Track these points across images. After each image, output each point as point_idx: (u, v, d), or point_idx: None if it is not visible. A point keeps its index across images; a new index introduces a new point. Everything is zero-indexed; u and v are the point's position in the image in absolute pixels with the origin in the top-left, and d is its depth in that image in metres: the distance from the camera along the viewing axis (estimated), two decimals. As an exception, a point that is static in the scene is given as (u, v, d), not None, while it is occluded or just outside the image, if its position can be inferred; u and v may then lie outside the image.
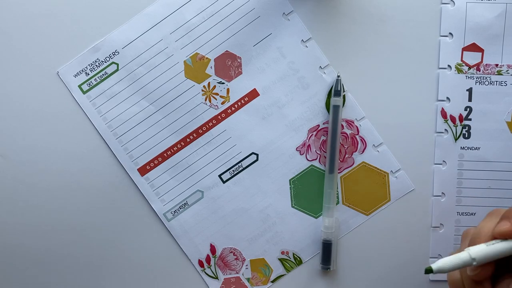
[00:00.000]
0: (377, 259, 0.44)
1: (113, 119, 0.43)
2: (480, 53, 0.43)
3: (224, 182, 0.44)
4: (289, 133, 0.44)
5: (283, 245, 0.44)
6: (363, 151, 0.44)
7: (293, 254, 0.44)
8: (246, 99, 0.44)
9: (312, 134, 0.44)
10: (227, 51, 0.43)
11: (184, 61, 0.43)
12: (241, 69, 0.43)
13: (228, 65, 0.43)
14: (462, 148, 0.44)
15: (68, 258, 0.44)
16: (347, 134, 0.44)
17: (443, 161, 0.44)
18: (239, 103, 0.44)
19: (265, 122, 0.44)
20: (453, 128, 0.43)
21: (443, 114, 0.43)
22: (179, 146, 0.44)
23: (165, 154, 0.44)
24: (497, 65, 0.43)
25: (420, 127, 0.43)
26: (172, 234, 0.44)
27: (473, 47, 0.43)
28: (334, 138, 0.43)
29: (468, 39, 0.43)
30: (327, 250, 0.43)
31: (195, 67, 0.43)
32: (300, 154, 0.44)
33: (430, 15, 0.43)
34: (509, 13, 0.42)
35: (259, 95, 0.44)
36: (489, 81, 0.43)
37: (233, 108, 0.44)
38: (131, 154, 0.44)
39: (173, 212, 0.44)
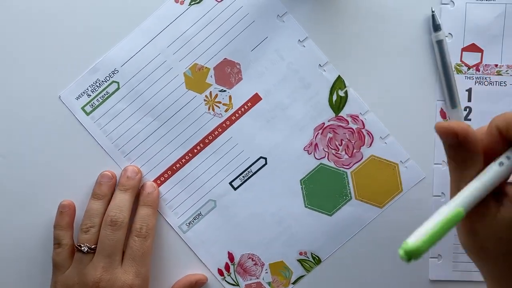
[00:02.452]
0: (383, 256, 0.44)
1: (119, 138, 0.44)
2: (480, 54, 0.43)
3: (235, 189, 0.44)
4: (295, 134, 0.44)
5: (300, 246, 0.44)
6: (370, 144, 0.44)
7: (311, 254, 0.44)
8: (249, 104, 0.44)
9: (318, 133, 0.44)
10: (225, 58, 0.43)
11: (184, 73, 0.43)
12: (241, 75, 0.43)
13: (228, 73, 0.43)
14: None
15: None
16: (353, 129, 0.44)
17: (443, 161, 0.43)
18: (243, 109, 0.44)
19: (270, 125, 0.44)
20: None
21: (442, 114, 0.43)
22: (187, 158, 0.44)
23: (174, 167, 0.44)
24: (496, 65, 0.43)
25: (420, 127, 0.43)
26: (189, 246, 0.44)
27: (473, 48, 0.43)
28: (447, 72, 0.42)
29: (468, 40, 0.43)
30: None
31: (195, 78, 0.43)
32: (308, 154, 0.44)
33: (430, 15, 0.43)
34: (508, 14, 0.42)
35: (261, 99, 0.44)
36: (488, 81, 0.43)
37: (237, 115, 0.44)
38: (141, 170, 0.44)
39: (188, 224, 0.44)
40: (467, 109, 0.43)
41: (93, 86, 0.43)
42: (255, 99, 0.44)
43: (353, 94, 0.43)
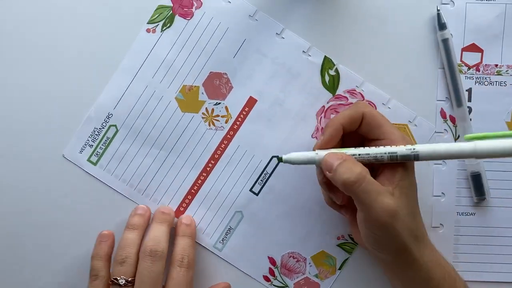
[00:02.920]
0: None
1: (132, 177, 0.44)
2: (480, 54, 0.43)
3: (257, 194, 0.44)
4: (300, 124, 0.44)
5: (336, 231, 0.44)
6: (375, 113, 0.44)
7: (349, 235, 0.44)
8: (247, 109, 0.44)
9: (321, 117, 0.44)
10: (211, 72, 0.43)
11: (176, 97, 0.43)
12: (230, 83, 0.43)
13: (218, 85, 0.43)
14: None
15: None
16: (354, 103, 0.43)
17: (443, 161, 0.43)
18: (242, 115, 0.44)
19: (272, 123, 0.44)
20: (453, 128, 0.43)
21: (443, 114, 0.43)
22: (202, 178, 0.44)
23: (192, 191, 0.44)
24: (496, 65, 0.43)
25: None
26: (229, 262, 0.44)
27: (473, 48, 0.43)
28: (453, 70, 0.42)
29: (468, 40, 0.43)
30: (478, 181, 0.43)
31: (187, 99, 0.43)
32: (318, 140, 0.44)
33: (429, 16, 0.43)
34: (508, 14, 0.42)
35: (257, 100, 0.44)
36: (488, 81, 0.43)
37: (238, 123, 0.44)
38: (161, 202, 0.44)
39: (221, 241, 0.44)
40: (467, 109, 0.43)
41: (93, 136, 0.44)
42: (251, 102, 0.44)
43: (344, 70, 0.43)
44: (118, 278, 0.39)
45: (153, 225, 0.41)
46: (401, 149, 0.36)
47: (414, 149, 0.36)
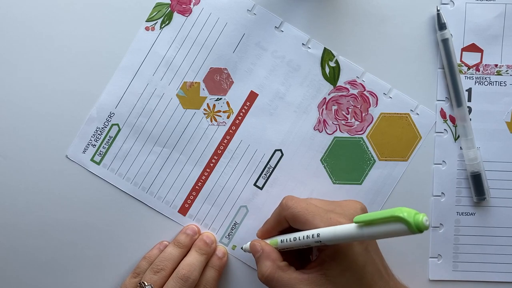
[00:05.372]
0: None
1: (136, 176, 0.44)
2: (480, 54, 0.43)
3: (261, 188, 0.44)
4: (301, 117, 0.44)
5: (342, 222, 0.44)
6: (376, 104, 0.44)
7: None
8: (248, 103, 0.44)
9: (323, 109, 0.44)
10: (211, 68, 0.43)
11: (177, 95, 0.43)
12: (231, 78, 0.43)
13: (218, 80, 0.43)
14: (462, 148, 0.43)
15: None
16: (355, 94, 0.43)
17: (443, 161, 0.43)
18: (244, 110, 0.44)
19: (274, 117, 0.44)
20: (453, 128, 0.43)
21: (442, 114, 0.43)
22: (206, 173, 0.44)
23: (196, 187, 0.44)
24: (496, 65, 0.43)
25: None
26: (236, 256, 0.44)
27: (473, 48, 0.43)
28: (453, 70, 0.42)
29: (468, 40, 0.43)
30: (478, 181, 0.43)
31: (189, 96, 0.44)
32: (320, 132, 0.44)
33: (429, 16, 0.43)
34: (508, 14, 0.42)
35: (258, 95, 0.44)
36: (488, 81, 0.43)
37: (240, 117, 0.44)
38: (166, 200, 0.44)
39: (227, 236, 0.44)
40: (467, 109, 0.43)
41: (95, 135, 0.44)
42: (252, 96, 0.44)
43: (344, 61, 0.43)
44: (146, 284, 0.40)
45: (193, 252, 0.42)
46: (305, 234, 0.36)
47: (318, 234, 0.35)
